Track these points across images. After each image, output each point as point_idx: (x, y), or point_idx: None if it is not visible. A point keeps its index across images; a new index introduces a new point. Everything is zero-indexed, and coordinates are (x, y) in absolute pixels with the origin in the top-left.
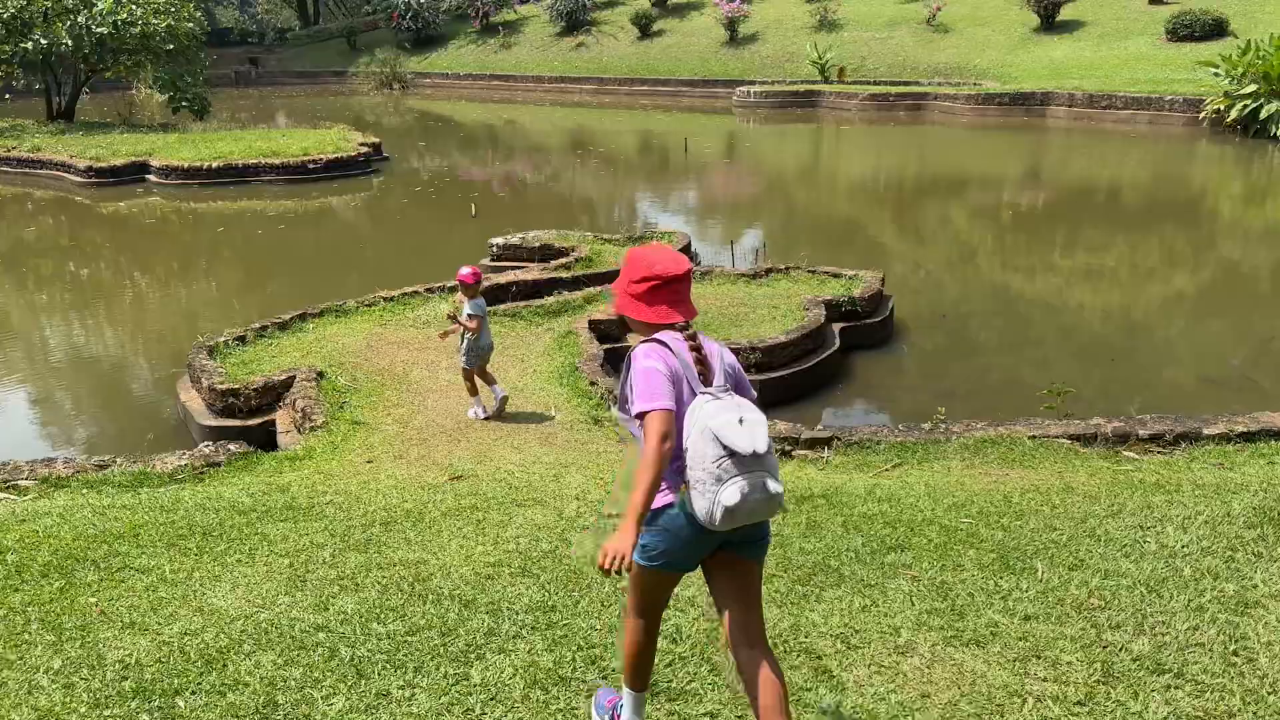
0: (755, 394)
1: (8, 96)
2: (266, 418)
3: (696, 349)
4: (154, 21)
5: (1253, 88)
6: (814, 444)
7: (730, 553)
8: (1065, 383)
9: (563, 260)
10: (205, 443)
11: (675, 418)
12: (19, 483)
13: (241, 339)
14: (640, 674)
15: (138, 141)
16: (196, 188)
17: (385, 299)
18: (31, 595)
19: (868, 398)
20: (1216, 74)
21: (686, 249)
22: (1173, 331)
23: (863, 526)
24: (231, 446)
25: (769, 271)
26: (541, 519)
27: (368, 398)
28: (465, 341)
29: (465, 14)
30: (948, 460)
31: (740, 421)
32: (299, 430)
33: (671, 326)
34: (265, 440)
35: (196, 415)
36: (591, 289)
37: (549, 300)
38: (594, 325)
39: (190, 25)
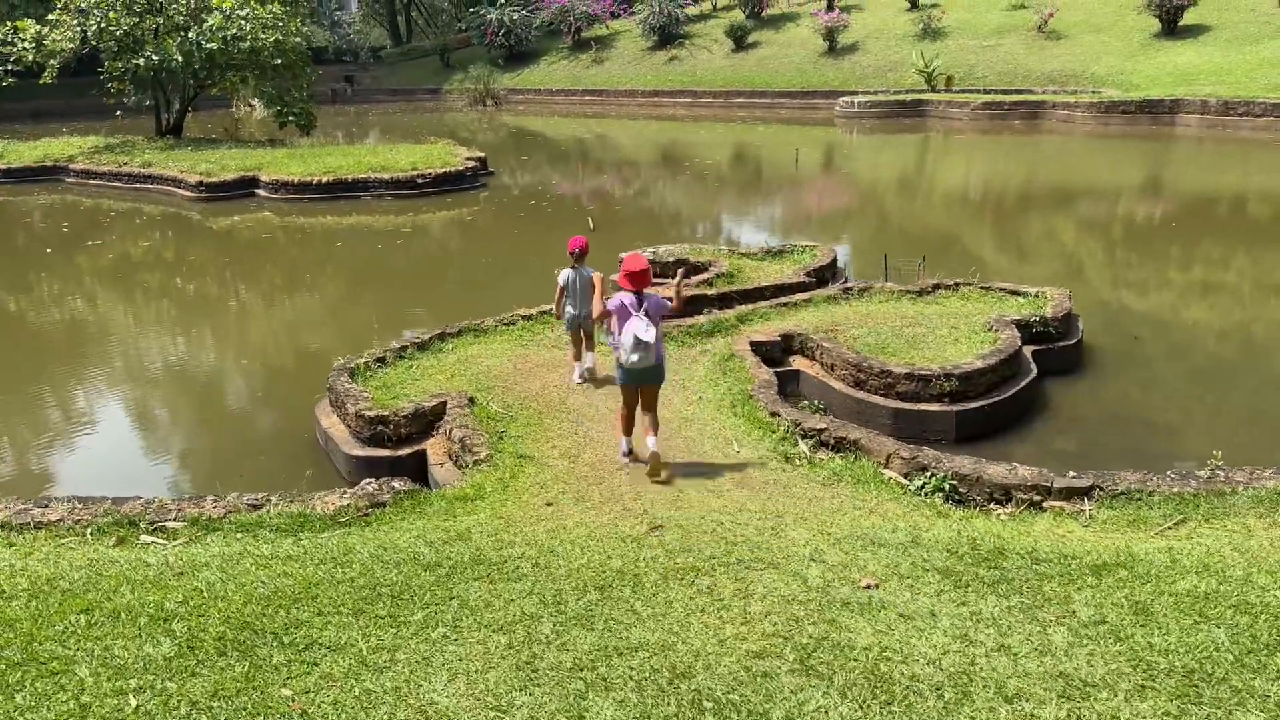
0: (667, 305)
1: (118, 114)
2: (417, 447)
3: (636, 294)
4: (262, 36)
5: None
6: (1070, 494)
7: (644, 385)
8: None
9: (703, 276)
10: (368, 480)
11: (611, 316)
12: (167, 524)
13: (381, 360)
14: (626, 429)
15: (246, 157)
16: (306, 202)
17: (524, 317)
18: (214, 683)
19: (1075, 432)
20: None
21: (832, 264)
22: None
23: (1207, 612)
24: (396, 484)
25: (936, 288)
26: (785, 588)
27: (526, 427)
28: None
29: (557, 30)
30: (1240, 516)
31: (644, 328)
32: (456, 463)
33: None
34: (416, 472)
35: (341, 443)
36: (743, 307)
37: (700, 320)
38: (755, 347)
39: (297, 40)
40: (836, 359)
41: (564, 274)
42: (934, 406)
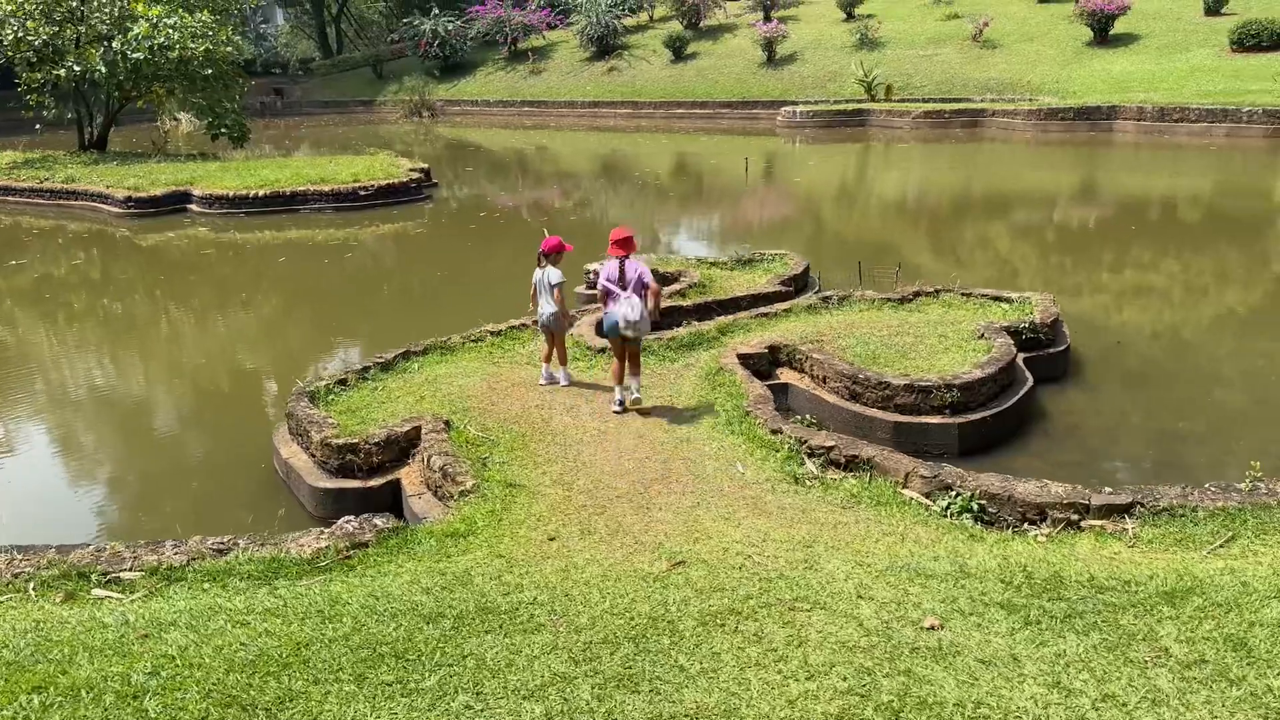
0: (653, 284)
1: (38, 128)
2: (390, 476)
3: (620, 269)
4: (192, 46)
5: None
6: (1110, 512)
7: (628, 344)
8: None
9: (676, 287)
10: (346, 518)
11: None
12: (122, 575)
13: (343, 382)
14: (619, 380)
15: (176, 170)
16: (243, 217)
17: (492, 333)
18: None
19: (1077, 442)
20: None
21: (805, 272)
22: None
23: None
24: (378, 521)
25: (916, 295)
26: (841, 633)
27: (511, 452)
28: None
29: (493, 41)
30: None
31: (630, 308)
32: (437, 493)
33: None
34: (390, 504)
35: (305, 475)
36: (723, 318)
37: (680, 332)
38: (743, 360)
39: (229, 49)
40: (829, 371)
41: (535, 273)
42: (935, 419)
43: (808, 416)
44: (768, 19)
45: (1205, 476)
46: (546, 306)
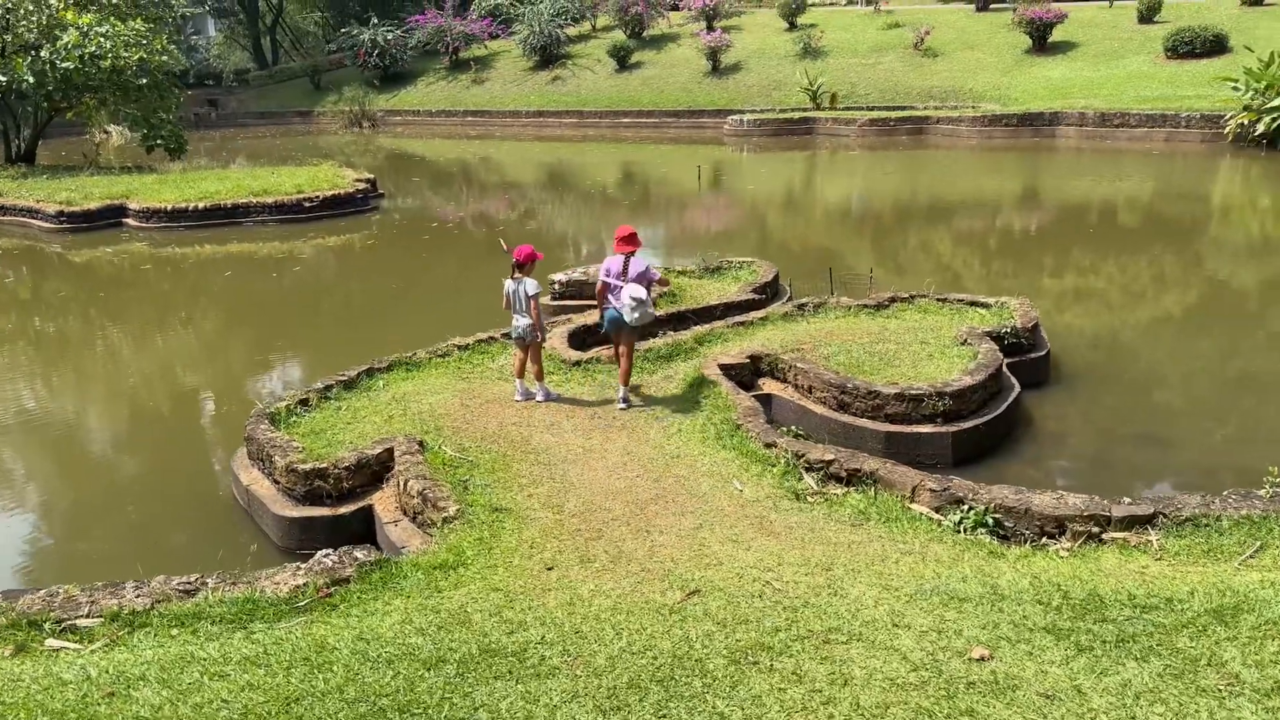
0: (654, 274)
1: None
2: (361, 503)
3: (625, 265)
4: (125, 55)
5: None
6: (1132, 523)
7: (623, 332)
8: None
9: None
10: (325, 552)
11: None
12: (79, 622)
13: (304, 402)
14: (625, 379)
15: (111, 184)
16: (182, 230)
17: (459, 347)
18: None
19: (1069, 449)
20: (1236, 88)
21: (775, 280)
22: None
23: None
24: (359, 554)
25: (892, 301)
26: (887, 668)
27: (492, 473)
28: None
29: (434, 50)
30: None
31: (630, 297)
32: (416, 520)
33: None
34: (363, 532)
35: (269, 503)
36: (699, 328)
37: (656, 343)
38: (725, 371)
39: (164, 58)
40: (815, 381)
41: (506, 284)
42: (927, 428)
43: (794, 427)
44: (711, 29)
45: (1201, 479)
46: (520, 319)
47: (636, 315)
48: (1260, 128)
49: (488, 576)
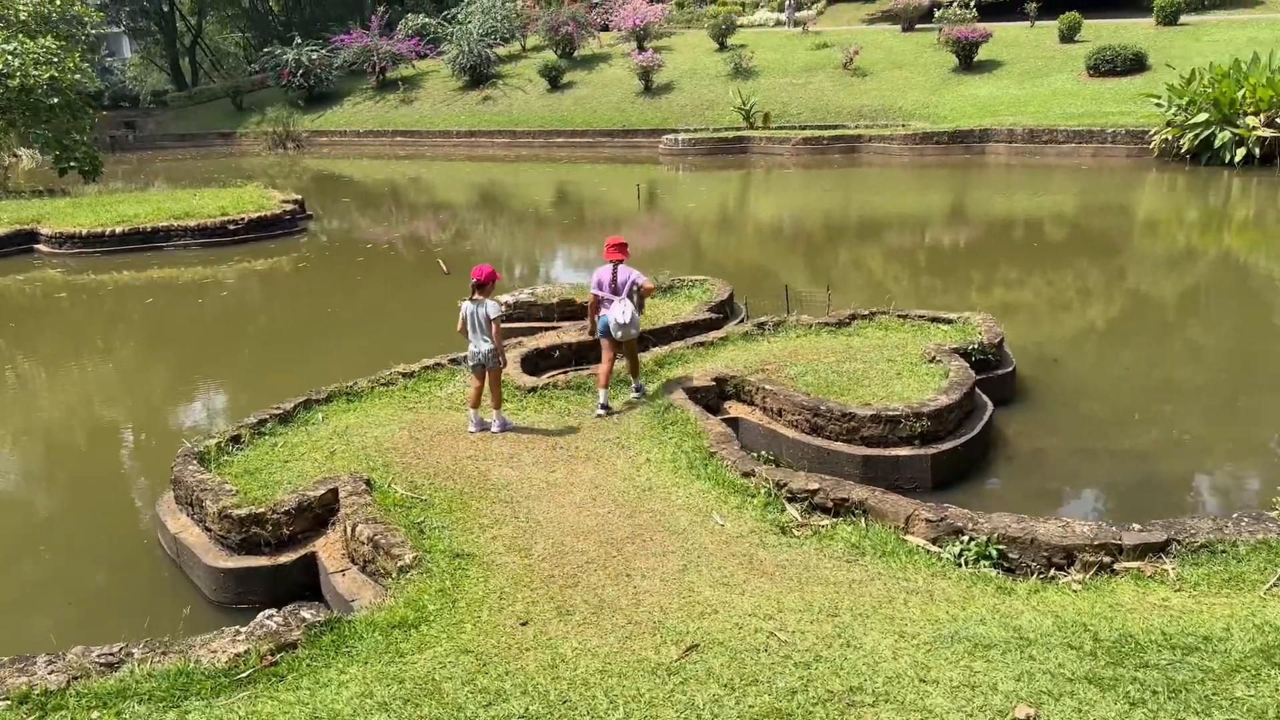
0: (643, 283)
1: None
2: (304, 550)
3: (614, 274)
4: (34, 74)
5: (1204, 116)
6: (1144, 551)
7: (623, 342)
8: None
9: None
10: (268, 613)
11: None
12: None
13: (236, 439)
14: (605, 381)
15: (20, 208)
16: (99, 256)
17: (404, 375)
18: None
19: (1049, 469)
20: (1159, 105)
21: (730, 298)
22: None
23: None
24: (306, 614)
25: (852, 319)
26: None
27: (449, 514)
28: None
29: (360, 70)
30: None
31: (621, 312)
32: (366, 568)
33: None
34: (306, 583)
35: (200, 552)
36: (658, 349)
37: (618, 366)
38: (691, 394)
39: (77, 77)
40: (786, 403)
41: (463, 306)
42: (905, 451)
43: (764, 453)
44: (642, 49)
45: (1189, 497)
46: (480, 343)
47: (620, 334)
48: (1185, 143)
49: (455, 635)
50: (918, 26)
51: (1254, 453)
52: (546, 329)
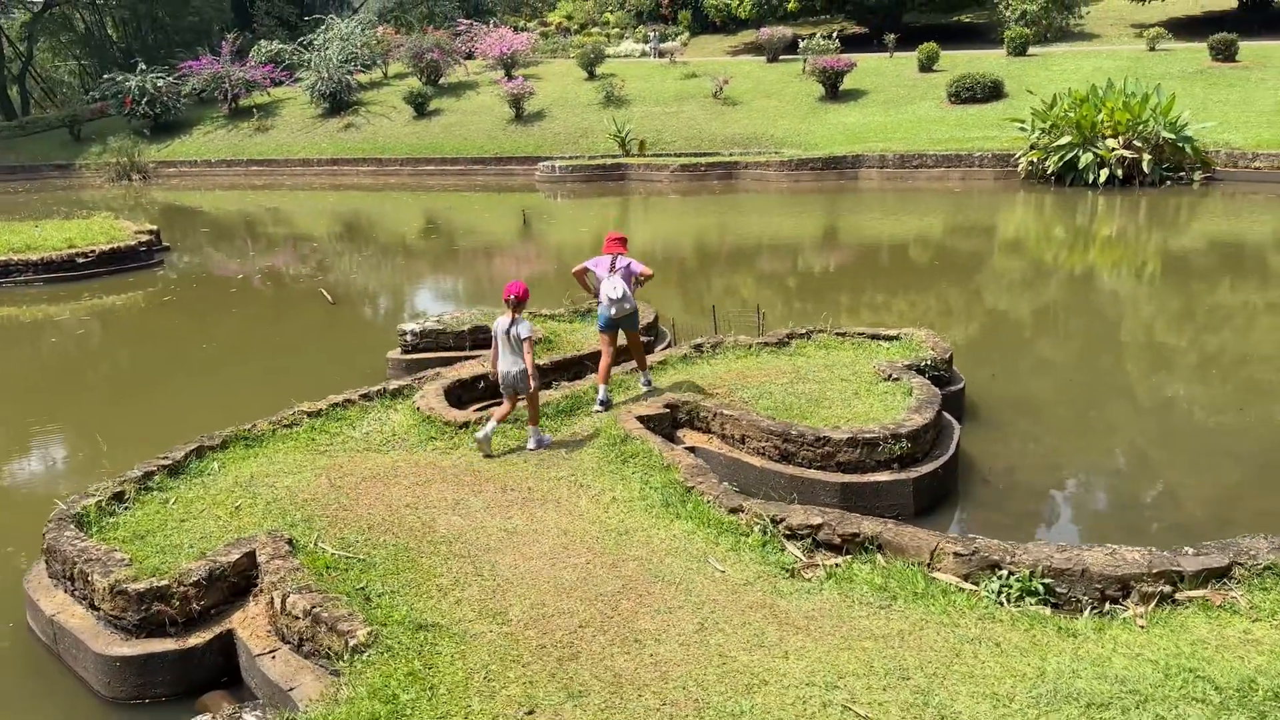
0: (641, 270)
1: None
2: (217, 629)
3: (612, 263)
4: None
5: (1067, 139)
6: (1206, 578)
7: (624, 328)
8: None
9: None
10: (201, 718)
11: (589, 273)
12: None
13: (119, 496)
14: (604, 377)
15: None
16: None
17: (309, 414)
18: None
19: (1028, 491)
20: (1023, 129)
21: (655, 323)
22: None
23: None
24: (249, 717)
25: (790, 338)
26: None
27: (397, 575)
28: None
29: (211, 98)
30: None
31: (613, 287)
32: (301, 647)
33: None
34: (224, 668)
35: (87, 638)
36: (595, 376)
37: (553, 395)
38: (644, 423)
39: None
40: (750, 429)
41: (497, 323)
42: (885, 476)
43: (728, 483)
44: (511, 76)
45: (1175, 505)
46: (510, 364)
47: (613, 311)
48: (1050, 165)
49: None
50: (782, 58)
51: (1215, 452)
52: (461, 358)
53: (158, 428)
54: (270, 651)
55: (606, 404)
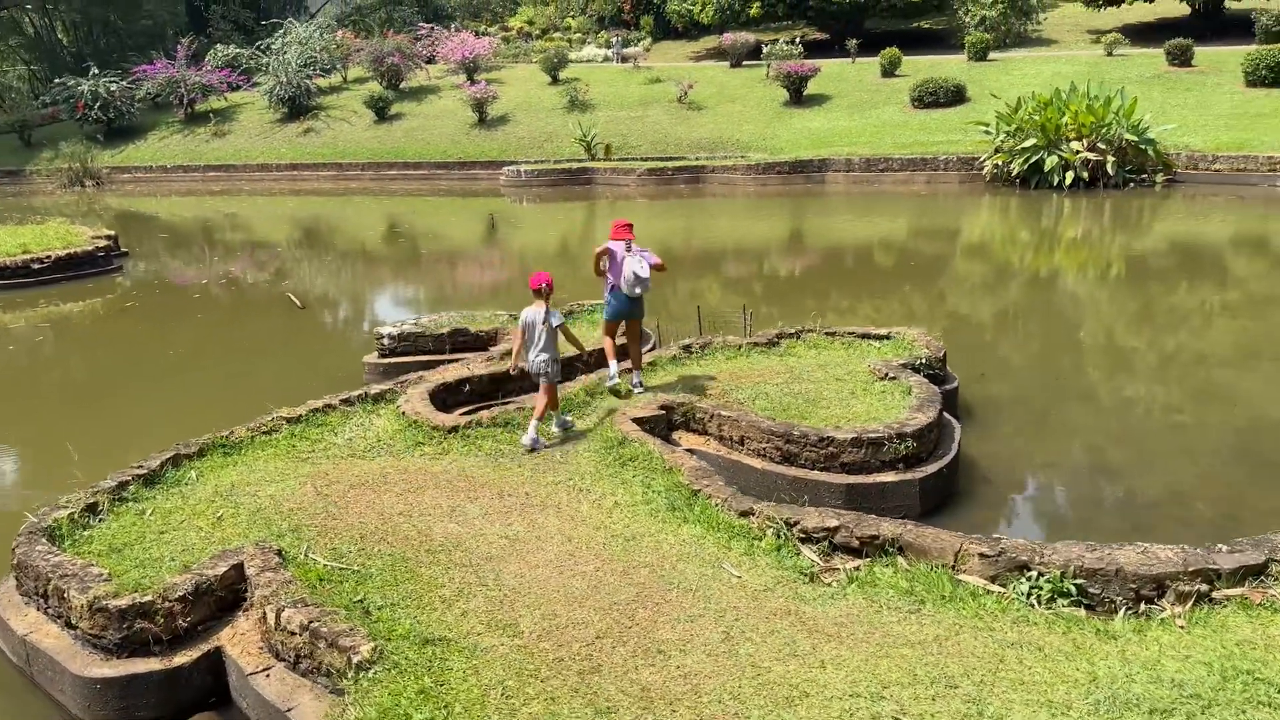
0: (656, 260)
1: None
2: (205, 646)
3: (627, 245)
4: None
5: (1031, 142)
6: (1244, 575)
7: (628, 321)
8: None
9: (500, 348)
10: None
11: (608, 253)
12: None
13: (93, 508)
14: (618, 357)
15: None
16: None
17: (289, 420)
18: None
19: (1035, 489)
20: (988, 132)
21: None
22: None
23: None
24: None
25: (780, 338)
26: None
27: (396, 586)
28: None
29: (166, 103)
30: None
31: (640, 265)
32: (297, 664)
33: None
34: (214, 688)
35: (64, 659)
36: (585, 378)
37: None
38: (639, 425)
39: None
40: (750, 430)
41: (526, 313)
42: (891, 476)
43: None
44: (473, 81)
45: (1175, 501)
46: (542, 353)
47: (638, 290)
48: (1015, 168)
49: None
50: (745, 63)
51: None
52: (441, 361)
53: (128, 436)
54: (264, 670)
55: (642, 385)
